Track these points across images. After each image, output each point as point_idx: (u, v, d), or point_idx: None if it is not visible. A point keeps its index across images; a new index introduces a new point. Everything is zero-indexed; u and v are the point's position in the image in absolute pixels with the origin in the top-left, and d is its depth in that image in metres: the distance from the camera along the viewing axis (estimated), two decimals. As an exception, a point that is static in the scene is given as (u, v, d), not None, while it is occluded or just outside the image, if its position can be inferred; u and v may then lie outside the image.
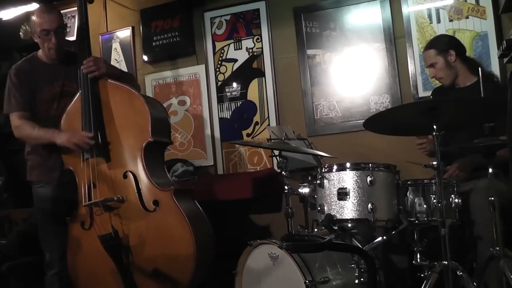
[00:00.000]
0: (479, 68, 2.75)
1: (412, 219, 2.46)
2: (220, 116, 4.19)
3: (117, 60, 4.43)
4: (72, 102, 2.96)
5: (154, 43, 4.35)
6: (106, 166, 2.86)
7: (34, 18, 2.92)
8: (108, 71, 3.00)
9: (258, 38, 4.10)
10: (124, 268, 2.70)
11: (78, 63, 2.95)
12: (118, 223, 2.77)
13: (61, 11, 4.47)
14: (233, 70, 4.17)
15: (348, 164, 2.50)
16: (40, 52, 3.04)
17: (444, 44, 3.04)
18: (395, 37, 3.72)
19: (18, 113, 2.95)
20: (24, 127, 2.94)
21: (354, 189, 2.44)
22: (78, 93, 2.95)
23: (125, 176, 2.83)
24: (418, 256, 2.48)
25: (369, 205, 2.40)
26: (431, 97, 3.30)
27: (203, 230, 2.82)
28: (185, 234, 2.67)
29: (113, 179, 2.84)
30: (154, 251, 2.73)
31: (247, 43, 4.13)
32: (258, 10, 4.10)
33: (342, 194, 2.45)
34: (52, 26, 2.89)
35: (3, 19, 4.65)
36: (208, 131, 4.21)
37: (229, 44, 4.19)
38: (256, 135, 4.09)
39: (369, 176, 2.43)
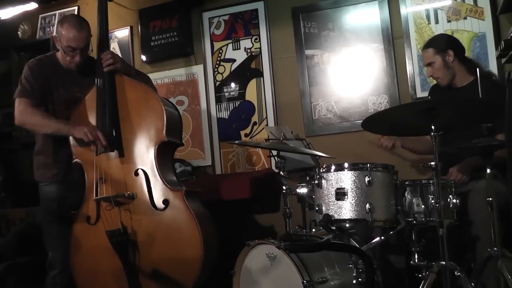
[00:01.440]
0: (477, 69, 2.74)
1: (410, 219, 2.46)
2: (218, 116, 4.19)
3: (115, 59, 4.42)
4: (85, 98, 2.94)
5: (152, 43, 4.35)
6: (118, 162, 2.85)
7: (62, 30, 2.85)
8: (124, 68, 3.00)
9: (256, 38, 4.10)
10: (130, 265, 2.70)
11: (96, 60, 2.94)
12: (127, 219, 2.77)
13: (60, 11, 4.56)
14: (232, 70, 4.17)
15: (346, 164, 2.49)
16: (59, 54, 3.00)
17: (443, 44, 3.02)
18: (393, 37, 3.72)
19: (26, 100, 2.87)
20: (31, 112, 2.85)
21: (352, 189, 2.44)
22: (92, 90, 2.94)
23: (136, 173, 2.83)
24: (416, 256, 2.48)
25: (367, 205, 2.39)
26: (428, 96, 3.29)
27: (210, 232, 2.82)
28: (194, 236, 2.67)
29: (124, 175, 2.84)
30: (161, 251, 2.72)
31: (246, 43, 4.13)
32: (256, 10, 4.10)
33: (340, 194, 2.44)
34: (80, 45, 2.86)
35: (1, 18, 4.65)
36: (206, 131, 4.21)
37: (227, 44, 4.18)
38: (254, 135, 4.09)
39: (367, 176, 2.42)
